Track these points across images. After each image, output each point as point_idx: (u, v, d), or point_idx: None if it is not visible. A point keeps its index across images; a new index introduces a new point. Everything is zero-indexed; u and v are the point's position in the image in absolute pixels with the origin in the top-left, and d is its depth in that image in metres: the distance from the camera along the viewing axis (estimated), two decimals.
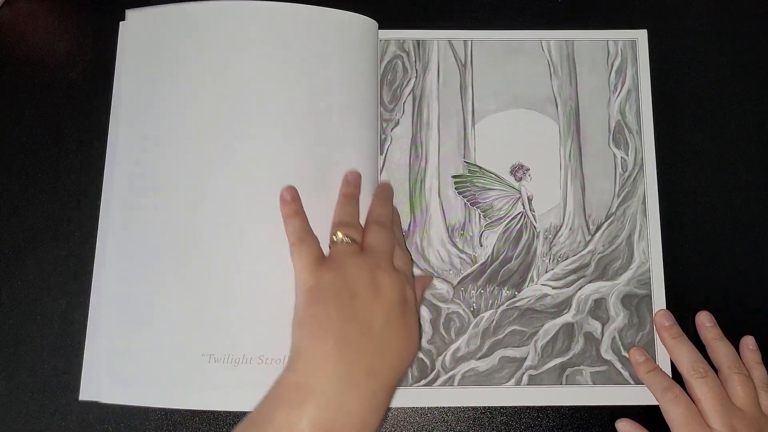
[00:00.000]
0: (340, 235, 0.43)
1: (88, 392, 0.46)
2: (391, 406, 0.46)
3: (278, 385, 0.39)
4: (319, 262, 0.42)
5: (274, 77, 0.49)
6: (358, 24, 0.51)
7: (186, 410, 0.46)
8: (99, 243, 0.48)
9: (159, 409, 0.46)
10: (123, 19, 0.51)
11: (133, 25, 0.51)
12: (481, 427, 0.47)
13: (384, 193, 0.48)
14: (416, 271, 0.49)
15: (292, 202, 0.45)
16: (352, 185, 0.47)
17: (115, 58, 0.51)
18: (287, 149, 0.48)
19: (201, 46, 0.50)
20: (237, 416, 0.45)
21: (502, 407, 0.47)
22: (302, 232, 0.44)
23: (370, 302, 0.40)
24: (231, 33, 0.50)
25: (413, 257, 0.49)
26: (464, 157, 0.51)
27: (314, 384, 0.37)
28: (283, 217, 0.45)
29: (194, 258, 0.47)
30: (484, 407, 0.47)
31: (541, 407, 0.47)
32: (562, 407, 0.47)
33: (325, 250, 0.44)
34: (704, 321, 0.48)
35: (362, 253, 0.42)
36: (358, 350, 0.38)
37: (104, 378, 0.45)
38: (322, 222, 0.46)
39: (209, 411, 0.46)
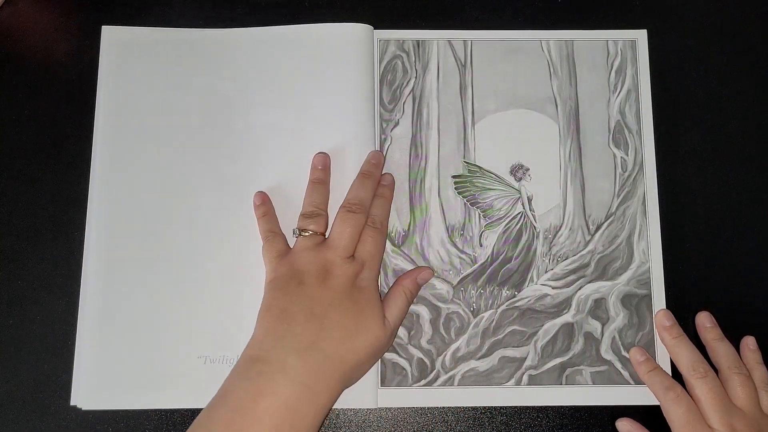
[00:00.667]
0: (297, 230, 0.46)
1: (79, 400, 0.46)
2: (391, 406, 0.47)
3: (236, 363, 0.42)
4: (280, 257, 0.45)
5: (262, 95, 0.50)
6: (349, 34, 0.51)
7: (185, 410, 0.46)
8: (86, 249, 0.48)
9: (159, 409, 0.46)
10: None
11: (109, 41, 0.51)
12: (481, 427, 0.47)
13: (368, 167, 0.48)
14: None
15: (261, 205, 0.48)
16: (319, 170, 0.48)
17: None
18: (278, 160, 0.49)
19: (183, 67, 0.51)
20: None
21: (502, 407, 0.47)
22: (268, 232, 0.47)
23: (317, 289, 0.43)
24: (214, 58, 0.51)
25: (413, 258, 0.49)
26: (464, 157, 0.51)
27: (260, 354, 0.41)
28: (256, 219, 0.48)
29: (187, 263, 0.48)
30: (484, 407, 0.47)
31: (541, 407, 0.47)
32: (562, 407, 0.47)
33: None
34: (704, 321, 0.48)
35: (318, 246, 0.45)
36: (300, 326, 0.42)
37: (94, 385, 0.46)
38: None
39: None
